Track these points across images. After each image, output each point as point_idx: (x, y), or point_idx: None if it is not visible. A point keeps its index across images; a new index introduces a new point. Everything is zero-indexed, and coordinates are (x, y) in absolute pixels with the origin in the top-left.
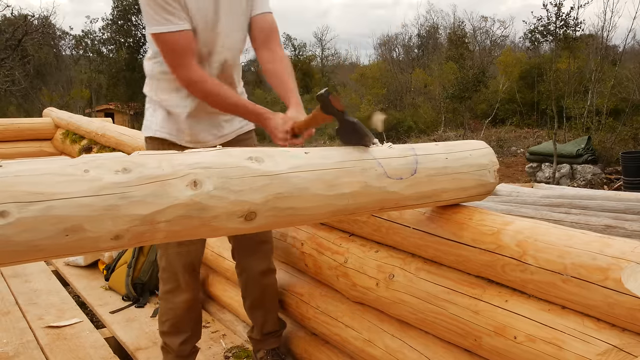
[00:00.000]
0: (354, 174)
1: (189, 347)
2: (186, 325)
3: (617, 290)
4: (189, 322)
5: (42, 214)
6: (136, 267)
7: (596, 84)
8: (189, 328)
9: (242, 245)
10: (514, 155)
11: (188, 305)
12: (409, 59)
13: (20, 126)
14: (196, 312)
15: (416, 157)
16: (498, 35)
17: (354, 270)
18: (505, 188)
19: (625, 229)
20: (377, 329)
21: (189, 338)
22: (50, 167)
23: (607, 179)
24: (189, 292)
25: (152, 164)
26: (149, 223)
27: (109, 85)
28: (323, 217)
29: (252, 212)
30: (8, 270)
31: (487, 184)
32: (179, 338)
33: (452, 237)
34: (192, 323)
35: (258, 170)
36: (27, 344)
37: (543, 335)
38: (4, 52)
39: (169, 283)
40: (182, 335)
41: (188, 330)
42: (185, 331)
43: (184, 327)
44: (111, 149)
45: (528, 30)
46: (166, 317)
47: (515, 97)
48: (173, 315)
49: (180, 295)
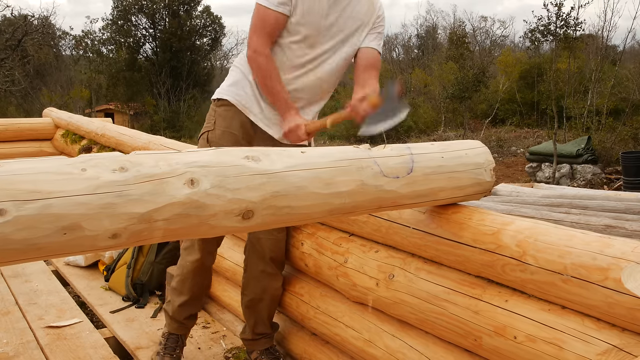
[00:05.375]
0: (350, 173)
1: (185, 312)
2: (188, 287)
3: (617, 290)
4: (193, 285)
5: (40, 212)
6: (135, 268)
7: (596, 83)
8: (189, 292)
9: (252, 242)
10: (514, 155)
11: (195, 266)
12: (408, 59)
13: (20, 126)
14: (200, 278)
15: (412, 156)
16: (498, 35)
17: (354, 270)
18: (505, 188)
19: (625, 229)
20: (377, 329)
21: (186, 303)
22: (47, 165)
23: (607, 179)
24: (199, 253)
25: (149, 162)
26: (147, 221)
27: (109, 86)
28: (320, 216)
29: (249, 210)
30: (8, 270)
31: (484, 183)
32: (179, 298)
33: (452, 237)
34: (195, 288)
35: (255, 168)
36: (27, 344)
37: (543, 335)
38: (3, 52)
39: (188, 241)
40: (182, 297)
41: (188, 294)
42: (185, 294)
43: (186, 289)
44: (111, 149)
45: (528, 30)
46: (178, 271)
47: (515, 97)
48: (181, 272)
49: (192, 255)
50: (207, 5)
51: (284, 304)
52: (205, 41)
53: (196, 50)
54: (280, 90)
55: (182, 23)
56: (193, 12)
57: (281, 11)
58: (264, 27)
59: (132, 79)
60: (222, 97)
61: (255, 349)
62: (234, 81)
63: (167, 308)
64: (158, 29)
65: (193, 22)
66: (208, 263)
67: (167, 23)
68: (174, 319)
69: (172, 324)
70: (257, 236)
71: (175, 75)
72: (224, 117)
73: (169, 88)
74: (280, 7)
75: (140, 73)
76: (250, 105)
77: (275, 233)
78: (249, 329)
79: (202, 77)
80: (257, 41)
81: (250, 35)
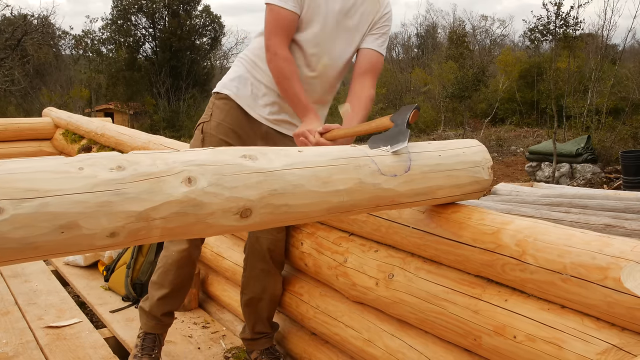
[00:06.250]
0: (347, 171)
1: (163, 307)
2: (171, 280)
3: (617, 290)
4: (175, 277)
5: (37, 211)
6: (135, 268)
7: (596, 83)
8: (171, 284)
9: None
10: (514, 155)
11: (180, 255)
12: (408, 58)
13: (19, 126)
14: (185, 270)
15: (409, 155)
16: (498, 35)
17: (354, 270)
18: (505, 187)
19: (624, 228)
20: (377, 328)
21: (166, 296)
22: (45, 164)
23: (606, 178)
24: (186, 243)
25: (146, 161)
26: (144, 220)
27: (109, 85)
28: (319, 215)
29: (247, 208)
30: (7, 270)
31: (482, 181)
32: (159, 292)
33: (451, 236)
34: (177, 280)
35: (252, 167)
36: (27, 344)
37: (543, 335)
38: (3, 52)
39: None
40: (163, 290)
41: (169, 287)
42: (166, 286)
43: (167, 281)
44: (110, 148)
45: (528, 29)
46: (160, 264)
47: (515, 96)
48: (164, 263)
49: (178, 244)
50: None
51: (284, 304)
52: (205, 41)
53: (196, 49)
54: (299, 92)
55: (181, 22)
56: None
57: (292, 9)
58: (279, 27)
59: (132, 78)
60: (221, 92)
61: (255, 349)
62: (235, 76)
63: (144, 305)
64: (158, 28)
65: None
66: (194, 255)
67: (167, 22)
68: (150, 316)
69: (149, 322)
70: (257, 235)
71: (174, 75)
72: (221, 110)
73: (168, 87)
74: (291, 5)
75: (140, 73)
76: (250, 102)
77: (274, 233)
78: (248, 329)
79: (202, 76)
80: (274, 41)
81: (267, 37)
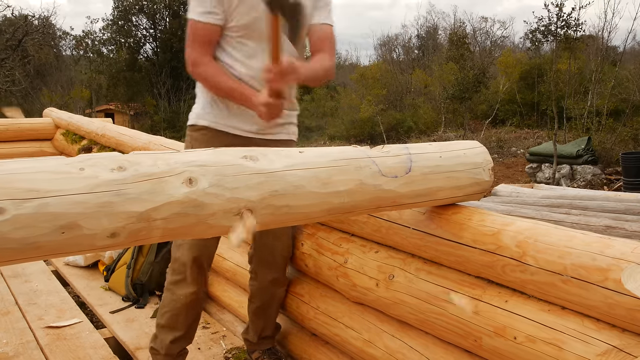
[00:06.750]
0: (348, 172)
1: (178, 347)
2: (182, 322)
3: (617, 291)
4: (186, 319)
5: (38, 211)
6: (135, 268)
7: (596, 84)
8: (183, 327)
9: (263, 255)
10: (514, 156)
11: (189, 299)
12: (409, 60)
13: (20, 126)
14: (195, 310)
15: (410, 156)
16: (498, 36)
17: (354, 271)
18: (506, 189)
19: (625, 230)
20: (377, 329)
21: (180, 337)
22: (46, 165)
23: (607, 180)
24: (193, 286)
25: (147, 162)
26: (145, 220)
27: (109, 86)
28: (319, 215)
29: (248, 210)
30: (8, 271)
31: (482, 182)
32: (171, 334)
33: (452, 237)
34: (189, 321)
35: (253, 168)
36: (27, 344)
37: (543, 336)
38: (4, 53)
39: (177, 274)
40: (175, 332)
41: (182, 329)
42: (179, 329)
43: (179, 324)
44: (111, 149)
45: (529, 31)
46: (166, 308)
47: (515, 98)
48: (173, 307)
49: (185, 288)
50: None
51: (285, 305)
52: None
53: None
54: (233, 84)
55: (182, 23)
56: None
57: (211, 21)
58: (196, 41)
59: (133, 79)
60: (197, 123)
61: (257, 349)
62: (205, 103)
63: (156, 346)
64: (158, 29)
65: None
66: (202, 295)
67: (168, 23)
68: (167, 356)
69: None
70: (271, 246)
71: (175, 76)
72: (201, 142)
73: (169, 88)
74: (209, 17)
75: (141, 73)
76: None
77: (284, 239)
78: (254, 333)
79: None
80: (194, 55)
81: (187, 51)
